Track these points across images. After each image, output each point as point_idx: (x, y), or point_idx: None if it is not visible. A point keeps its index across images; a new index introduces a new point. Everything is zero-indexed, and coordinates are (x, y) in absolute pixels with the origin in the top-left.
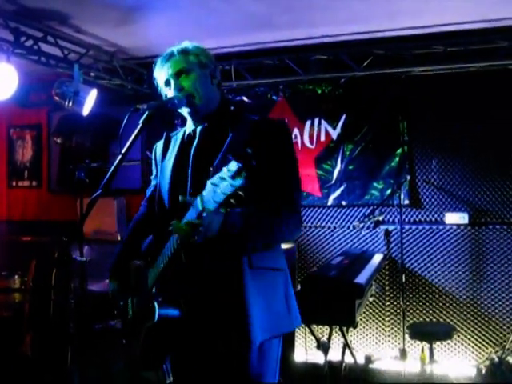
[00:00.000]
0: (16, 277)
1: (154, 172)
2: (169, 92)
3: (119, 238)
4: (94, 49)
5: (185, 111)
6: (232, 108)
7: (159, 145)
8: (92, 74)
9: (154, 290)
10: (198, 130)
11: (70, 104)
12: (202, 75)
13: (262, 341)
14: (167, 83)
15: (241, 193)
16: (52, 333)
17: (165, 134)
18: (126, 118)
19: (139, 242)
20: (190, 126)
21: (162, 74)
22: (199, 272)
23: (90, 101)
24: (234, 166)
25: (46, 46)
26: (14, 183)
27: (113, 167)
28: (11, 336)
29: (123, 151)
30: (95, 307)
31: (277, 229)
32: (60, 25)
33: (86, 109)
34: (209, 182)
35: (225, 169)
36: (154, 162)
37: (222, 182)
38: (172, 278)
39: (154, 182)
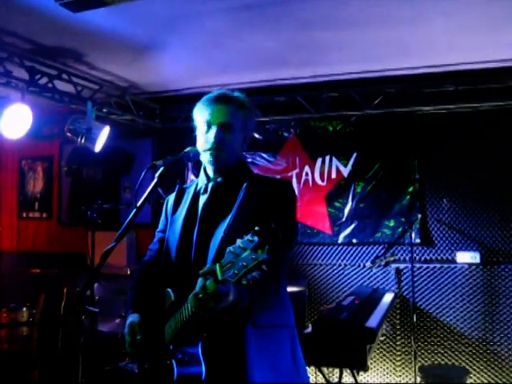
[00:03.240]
0: (24, 309)
1: (162, 226)
2: (203, 134)
3: (128, 273)
4: (107, 85)
5: (205, 159)
6: (245, 166)
7: (171, 198)
8: (104, 109)
9: (171, 347)
10: (210, 185)
11: (83, 141)
12: (239, 138)
13: None
14: (208, 126)
15: (264, 267)
16: (60, 368)
17: (177, 186)
18: (142, 175)
19: (149, 286)
20: (202, 180)
21: (206, 113)
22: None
23: (102, 138)
24: (256, 238)
25: (60, 83)
26: (24, 214)
27: (128, 220)
28: (19, 370)
29: (138, 205)
30: (105, 348)
31: (268, 298)
32: (74, 62)
33: (98, 145)
34: (228, 250)
35: (246, 238)
36: (164, 214)
37: (243, 253)
38: (187, 336)
39: (160, 236)
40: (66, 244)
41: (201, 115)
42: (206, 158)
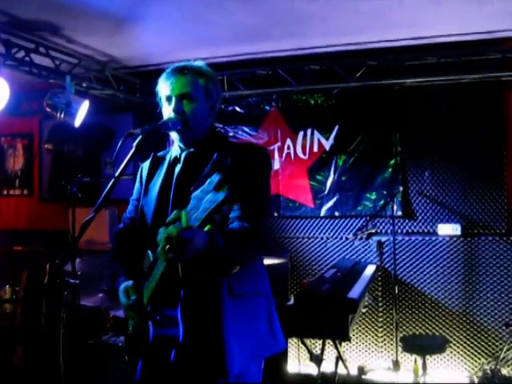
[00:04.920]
0: (7, 287)
1: (137, 193)
2: (166, 108)
3: None
4: (86, 59)
5: (174, 134)
6: (218, 135)
7: (145, 165)
8: (84, 84)
9: (149, 308)
10: (184, 155)
11: (62, 115)
12: (203, 106)
13: (241, 370)
14: (168, 99)
15: (224, 207)
16: (44, 344)
17: (152, 154)
18: (120, 143)
19: (129, 252)
20: (176, 150)
21: (166, 87)
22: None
23: (81, 112)
24: (216, 177)
25: (38, 56)
26: (4, 192)
27: (106, 190)
28: (2, 346)
29: (116, 175)
30: (87, 322)
31: (248, 252)
32: (52, 35)
33: (78, 120)
34: (192, 196)
35: (207, 181)
36: (139, 182)
37: (206, 196)
38: (165, 295)
39: (135, 204)
40: (48, 221)
41: (162, 91)
42: (174, 134)
